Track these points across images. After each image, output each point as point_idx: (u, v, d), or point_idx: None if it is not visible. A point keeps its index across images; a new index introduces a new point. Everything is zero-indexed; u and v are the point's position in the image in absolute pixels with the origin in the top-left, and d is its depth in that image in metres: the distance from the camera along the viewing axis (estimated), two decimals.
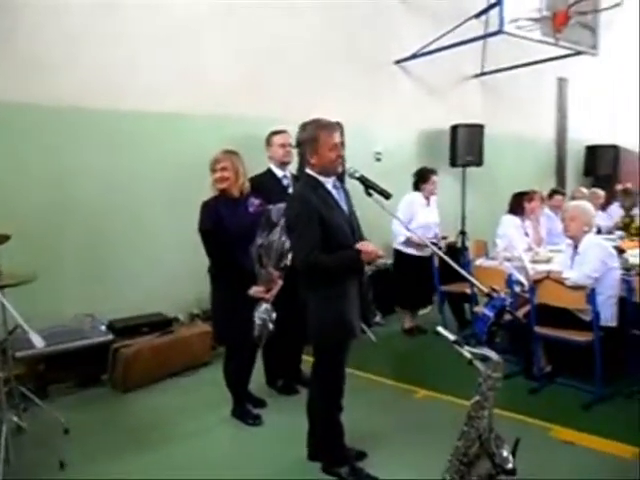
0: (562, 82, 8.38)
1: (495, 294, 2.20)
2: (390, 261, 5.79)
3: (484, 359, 2.10)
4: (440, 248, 4.73)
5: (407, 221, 4.64)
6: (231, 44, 4.86)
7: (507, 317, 3.04)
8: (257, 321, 3.04)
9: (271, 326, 3.07)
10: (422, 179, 4.86)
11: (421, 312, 5.23)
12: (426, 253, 4.80)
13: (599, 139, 8.64)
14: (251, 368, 3.44)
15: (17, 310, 2.59)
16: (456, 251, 5.48)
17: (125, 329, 4.09)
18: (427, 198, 4.86)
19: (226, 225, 3.08)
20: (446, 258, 2.47)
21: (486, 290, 2.22)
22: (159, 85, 4.46)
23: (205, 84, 4.71)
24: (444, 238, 5.31)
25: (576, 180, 8.73)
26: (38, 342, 2.36)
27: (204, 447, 3.07)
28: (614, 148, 8.68)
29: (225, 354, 3.38)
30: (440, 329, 2.17)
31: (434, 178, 4.87)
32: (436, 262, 4.82)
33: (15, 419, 2.88)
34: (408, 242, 4.76)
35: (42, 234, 3.91)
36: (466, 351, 2.10)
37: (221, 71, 4.81)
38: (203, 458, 2.95)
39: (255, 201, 3.23)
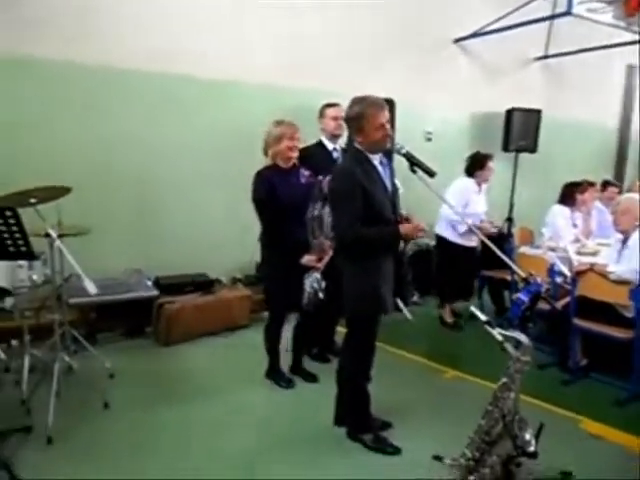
0: (631, 69, 7.97)
1: (532, 279, 2.20)
2: (433, 242, 5.79)
3: (515, 342, 2.12)
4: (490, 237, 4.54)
5: (461, 208, 4.43)
6: (286, 15, 4.86)
7: (546, 307, 3.04)
8: (308, 289, 3.11)
9: (321, 295, 3.11)
10: (478, 164, 4.58)
11: None
12: (472, 243, 4.61)
13: None
14: (311, 333, 3.65)
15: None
16: (500, 237, 5.38)
17: (170, 286, 4.28)
18: (479, 185, 4.64)
19: (279, 195, 3.15)
20: (489, 243, 2.47)
21: (523, 275, 2.22)
22: (212, 52, 4.53)
23: (257, 54, 4.76)
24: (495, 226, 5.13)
25: (636, 173, 8.35)
26: (92, 288, 2.53)
27: (235, 404, 3.22)
28: None
29: (269, 317, 3.49)
30: (473, 309, 2.20)
31: (490, 164, 4.59)
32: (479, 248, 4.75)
33: (67, 359, 3.10)
34: (457, 230, 4.51)
35: (95, 192, 4.08)
36: (497, 333, 2.12)
37: (275, 42, 4.83)
38: (233, 415, 3.10)
39: (305, 172, 3.30)
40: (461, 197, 4.50)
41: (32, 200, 2.69)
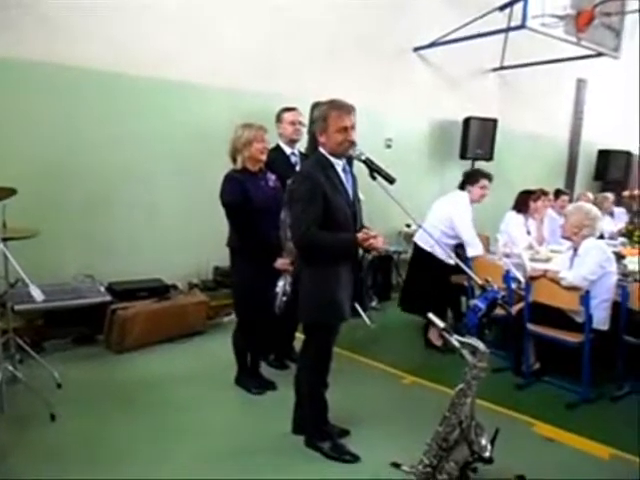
0: (581, 83, 8.30)
1: (489, 287, 2.23)
2: (392, 248, 5.85)
3: (471, 349, 2.14)
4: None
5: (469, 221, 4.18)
6: (250, 20, 4.82)
7: (501, 312, 3.09)
8: (279, 293, 3.05)
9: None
10: (472, 180, 4.29)
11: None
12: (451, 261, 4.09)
13: (612, 144, 8.58)
14: (273, 338, 3.61)
15: (19, 266, 2.65)
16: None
17: (124, 292, 4.14)
18: (472, 201, 4.31)
19: (251, 198, 3.11)
20: (446, 249, 2.50)
21: (480, 282, 2.25)
22: (173, 54, 4.44)
23: (220, 57, 4.70)
24: None
25: (586, 183, 8.70)
26: (38, 295, 2.42)
27: (191, 413, 3.13)
28: (627, 154, 8.62)
29: (237, 323, 3.43)
30: (431, 315, 2.20)
31: (484, 182, 4.27)
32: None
33: (10, 368, 2.94)
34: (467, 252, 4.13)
35: (46, 193, 3.93)
36: (454, 339, 2.14)
37: (237, 46, 4.78)
38: (188, 423, 3.01)
39: (272, 176, 3.30)
40: (469, 210, 4.23)
41: None
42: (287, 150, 3.71)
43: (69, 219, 4.12)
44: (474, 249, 4.16)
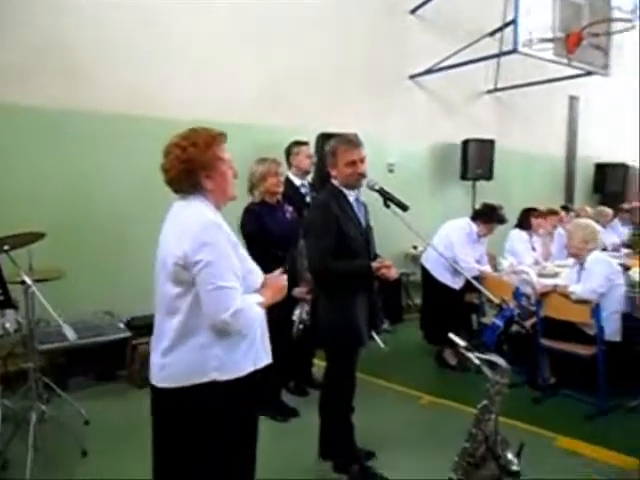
0: (574, 100, 8.49)
1: (505, 305, 2.33)
2: (400, 270, 5.93)
3: (492, 365, 2.21)
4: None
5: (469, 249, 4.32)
6: (257, 60, 5.03)
7: (514, 328, 3.17)
8: (297, 320, 3.14)
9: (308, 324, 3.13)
10: (486, 217, 4.40)
11: None
12: (458, 285, 4.36)
13: (609, 157, 8.74)
14: (292, 365, 3.67)
15: (42, 306, 2.73)
16: None
17: (144, 327, 4.17)
18: (479, 235, 4.44)
19: (269, 229, 3.24)
20: (466, 274, 2.58)
21: (497, 301, 2.35)
22: (191, 96, 4.63)
23: (232, 95, 4.86)
24: None
25: (585, 197, 8.83)
26: (71, 335, 2.51)
27: None
28: (623, 167, 8.78)
29: None
30: (451, 335, 2.29)
31: (496, 226, 4.42)
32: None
33: (43, 407, 3.00)
34: (454, 273, 4.26)
35: (63, 234, 4.01)
36: (475, 357, 2.22)
37: (247, 84, 4.96)
38: None
39: (289, 208, 3.42)
40: (469, 239, 4.35)
41: (5, 247, 2.66)
42: (297, 182, 3.85)
43: (87, 258, 4.21)
44: (469, 273, 4.11)
